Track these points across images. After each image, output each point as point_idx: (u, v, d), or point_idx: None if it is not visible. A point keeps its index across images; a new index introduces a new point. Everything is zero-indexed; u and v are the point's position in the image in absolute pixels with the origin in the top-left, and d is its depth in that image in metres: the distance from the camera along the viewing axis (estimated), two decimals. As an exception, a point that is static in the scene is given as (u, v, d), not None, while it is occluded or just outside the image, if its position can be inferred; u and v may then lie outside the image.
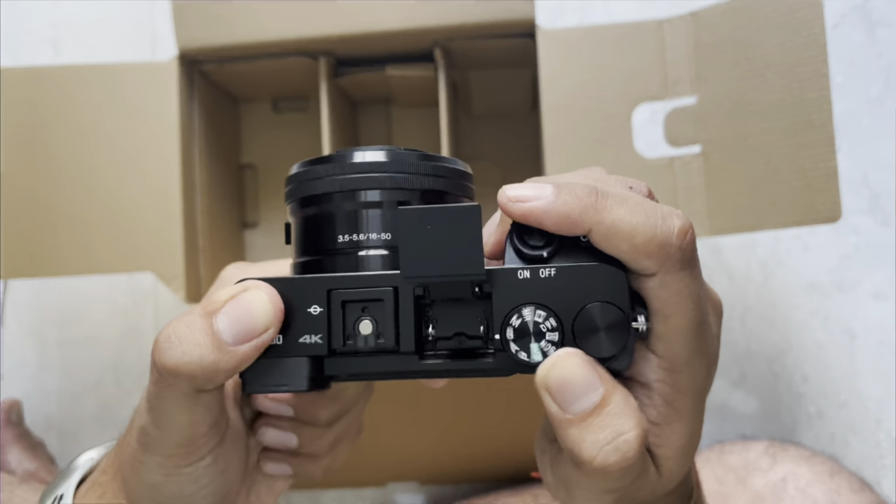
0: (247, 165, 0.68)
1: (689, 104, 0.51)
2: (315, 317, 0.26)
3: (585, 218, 0.24)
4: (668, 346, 0.25)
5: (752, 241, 0.66)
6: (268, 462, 0.34)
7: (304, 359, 0.26)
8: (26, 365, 0.70)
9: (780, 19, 0.49)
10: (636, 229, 0.24)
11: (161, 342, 0.26)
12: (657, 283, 0.25)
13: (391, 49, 0.57)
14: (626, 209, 0.24)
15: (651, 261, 0.24)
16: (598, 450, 0.23)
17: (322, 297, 0.26)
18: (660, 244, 0.24)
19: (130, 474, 0.29)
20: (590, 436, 0.23)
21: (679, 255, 0.24)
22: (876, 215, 0.64)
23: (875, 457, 0.62)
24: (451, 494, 0.67)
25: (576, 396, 0.23)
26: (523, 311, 0.25)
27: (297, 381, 0.26)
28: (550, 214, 0.25)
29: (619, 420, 0.23)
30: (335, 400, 0.35)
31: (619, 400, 0.23)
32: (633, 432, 0.23)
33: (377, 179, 0.28)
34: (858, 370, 0.63)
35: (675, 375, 0.25)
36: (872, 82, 0.65)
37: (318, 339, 0.26)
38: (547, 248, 0.26)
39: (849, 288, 0.64)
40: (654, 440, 0.26)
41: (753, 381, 0.65)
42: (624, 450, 0.23)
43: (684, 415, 0.26)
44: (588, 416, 0.23)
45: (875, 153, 0.64)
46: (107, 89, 0.55)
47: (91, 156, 0.54)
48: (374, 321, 0.25)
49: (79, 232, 0.54)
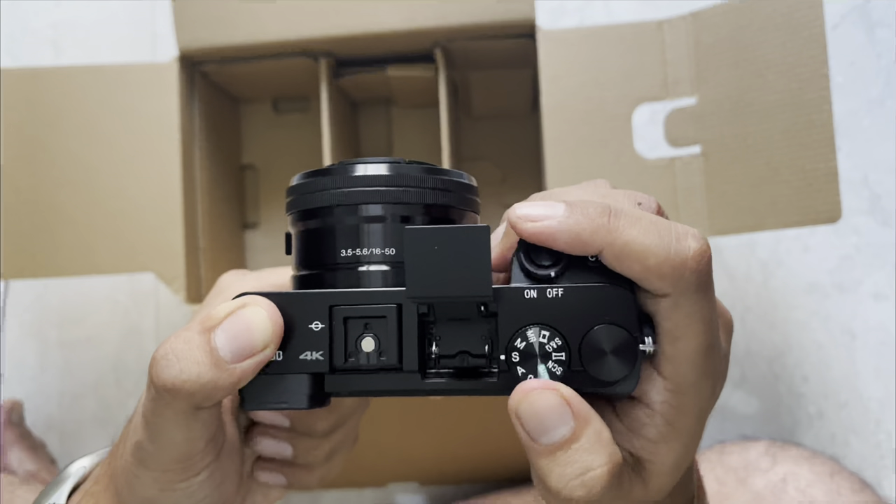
0: (247, 166, 0.68)
1: (690, 104, 0.51)
2: (316, 333, 0.25)
3: (597, 238, 0.24)
4: (675, 369, 0.25)
5: (753, 242, 0.66)
6: (262, 471, 0.34)
7: (304, 376, 0.25)
8: (27, 366, 0.70)
9: (780, 20, 0.49)
10: (649, 250, 0.24)
11: (159, 359, 0.26)
12: (669, 305, 0.24)
13: (391, 50, 0.57)
14: (638, 229, 0.24)
15: (664, 282, 0.24)
16: (565, 483, 0.23)
17: (324, 312, 0.25)
18: (674, 266, 0.24)
19: (124, 487, 0.29)
20: (557, 469, 0.23)
21: (694, 278, 0.24)
22: (876, 216, 0.64)
23: (875, 457, 0.62)
24: (452, 495, 0.67)
25: (545, 429, 0.23)
26: (529, 331, 0.24)
27: (297, 398, 0.25)
28: (562, 234, 0.24)
29: (587, 456, 0.23)
30: (332, 412, 0.34)
31: (591, 435, 0.23)
32: (601, 469, 0.23)
33: (380, 193, 0.27)
34: (859, 371, 0.63)
35: (679, 397, 0.25)
36: (872, 83, 0.65)
37: (319, 355, 0.25)
38: (555, 268, 0.25)
39: (849, 288, 0.64)
40: (648, 456, 0.25)
41: (754, 382, 0.65)
42: (590, 486, 0.23)
43: (683, 434, 0.25)
44: (556, 450, 0.23)
45: (875, 154, 0.64)
46: (107, 90, 0.55)
47: (91, 156, 0.54)
48: (376, 338, 0.25)
49: (79, 232, 0.54)
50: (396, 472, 0.67)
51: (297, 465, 0.34)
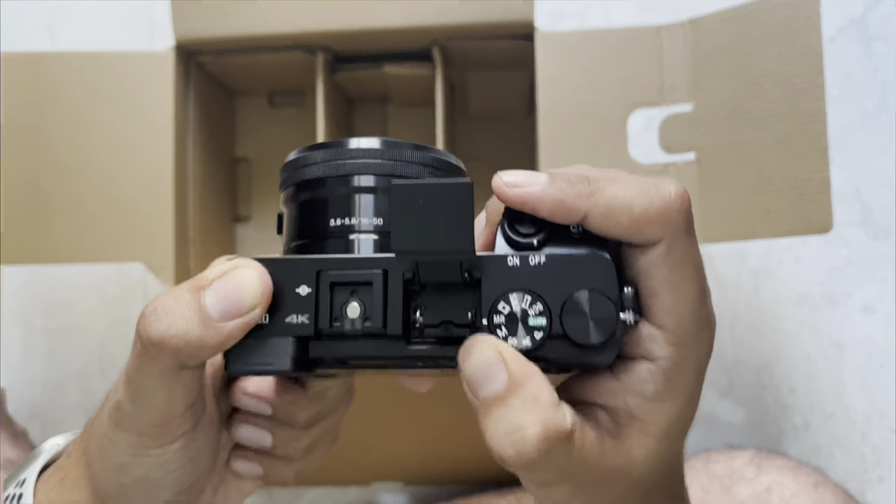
0: (241, 159, 0.68)
1: (685, 111, 0.51)
2: (303, 298, 0.25)
3: (580, 203, 0.25)
4: (677, 319, 0.25)
5: (744, 251, 0.66)
6: (239, 460, 0.33)
7: (289, 339, 0.25)
8: (11, 353, 0.69)
9: (777, 30, 0.49)
10: (633, 200, 0.25)
11: (147, 314, 0.26)
12: (663, 251, 0.25)
13: (389, 46, 0.57)
14: (618, 186, 0.25)
15: (654, 227, 0.25)
16: (497, 440, 0.23)
17: (311, 277, 0.25)
18: (660, 210, 0.25)
19: (97, 456, 0.29)
20: (491, 424, 0.23)
21: (682, 218, 0.25)
22: (867, 229, 0.64)
23: (860, 470, 0.62)
24: (436, 495, 0.67)
25: (480, 382, 0.23)
26: (511, 296, 0.24)
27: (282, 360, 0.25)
28: (545, 200, 0.25)
29: (518, 414, 0.23)
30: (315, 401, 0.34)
31: (525, 396, 0.23)
32: (532, 430, 0.23)
33: (371, 165, 0.28)
34: (846, 383, 0.63)
35: (682, 350, 0.25)
36: (868, 96, 0.65)
37: (305, 319, 0.25)
38: (537, 237, 0.26)
39: (838, 300, 0.64)
40: (642, 415, 0.25)
41: (741, 391, 0.65)
42: (519, 445, 0.23)
43: (680, 394, 0.25)
44: (491, 405, 0.23)
45: (868, 167, 0.64)
46: (102, 78, 0.55)
47: (84, 143, 0.54)
48: (362, 304, 0.25)
49: (69, 219, 0.53)
50: (381, 471, 0.66)
51: (274, 457, 0.34)
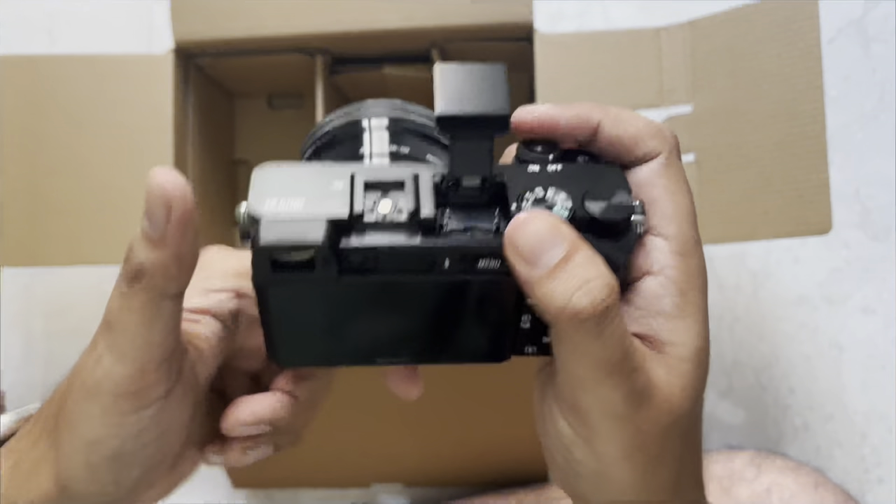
0: (240, 161, 0.68)
1: (685, 112, 0.51)
2: (338, 190, 0.27)
3: (594, 114, 0.28)
4: (678, 226, 0.27)
5: (743, 252, 0.66)
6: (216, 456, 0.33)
7: (322, 220, 0.26)
8: (11, 356, 0.69)
9: (776, 31, 0.49)
10: (635, 116, 0.28)
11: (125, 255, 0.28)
12: (663, 163, 0.28)
13: (388, 48, 0.57)
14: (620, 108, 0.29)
15: (655, 140, 0.28)
16: (569, 297, 0.24)
17: (346, 176, 0.27)
18: (658, 128, 0.28)
19: (65, 433, 0.28)
20: (559, 286, 0.24)
21: (674, 140, 0.28)
22: (867, 230, 0.64)
23: (859, 471, 0.62)
24: (436, 497, 0.67)
25: (541, 252, 0.25)
26: (536, 188, 0.27)
27: (315, 233, 0.26)
28: (564, 114, 0.28)
29: (585, 270, 0.25)
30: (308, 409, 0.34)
31: (585, 253, 0.25)
32: (600, 279, 0.25)
33: (385, 108, 0.32)
34: (845, 384, 0.63)
35: (686, 260, 0.27)
36: (867, 97, 0.65)
37: (340, 205, 0.26)
38: (551, 154, 0.28)
39: (838, 301, 0.64)
40: (668, 336, 0.27)
41: (740, 392, 0.65)
42: (594, 293, 0.24)
43: (697, 309, 0.27)
44: (555, 270, 0.25)
45: (867, 168, 0.64)
46: (102, 80, 0.55)
47: (83, 146, 0.54)
48: (394, 202, 0.27)
49: (69, 222, 0.53)
50: (381, 472, 0.66)
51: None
